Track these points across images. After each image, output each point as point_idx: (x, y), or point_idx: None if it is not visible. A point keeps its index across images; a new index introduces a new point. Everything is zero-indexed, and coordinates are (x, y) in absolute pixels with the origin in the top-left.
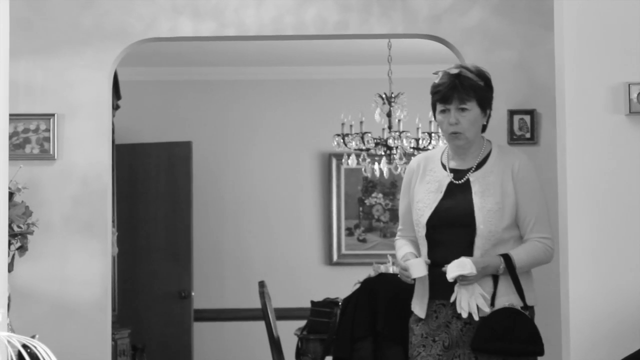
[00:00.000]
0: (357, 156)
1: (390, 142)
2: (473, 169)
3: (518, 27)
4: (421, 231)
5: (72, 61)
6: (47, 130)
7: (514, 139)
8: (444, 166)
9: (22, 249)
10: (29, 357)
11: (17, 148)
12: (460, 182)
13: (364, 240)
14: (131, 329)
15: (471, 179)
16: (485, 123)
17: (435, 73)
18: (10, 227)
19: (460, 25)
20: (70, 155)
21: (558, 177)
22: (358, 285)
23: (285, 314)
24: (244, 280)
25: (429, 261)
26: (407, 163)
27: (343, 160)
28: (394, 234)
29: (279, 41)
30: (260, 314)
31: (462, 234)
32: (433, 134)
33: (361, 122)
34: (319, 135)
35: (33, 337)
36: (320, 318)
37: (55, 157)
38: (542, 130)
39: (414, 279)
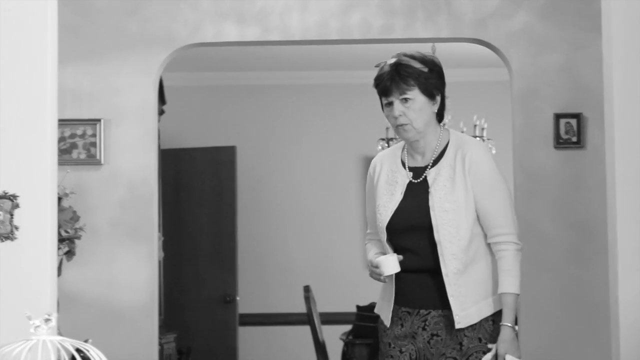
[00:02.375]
0: None
1: None
2: (430, 165)
3: (564, 30)
4: (383, 236)
5: (118, 67)
6: (94, 135)
7: (560, 142)
8: (403, 164)
9: (70, 253)
10: None
11: (64, 153)
12: (419, 180)
13: None
14: (177, 333)
15: (428, 177)
16: (436, 111)
17: (377, 65)
18: (58, 232)
19: (505, 28)
20: (117, 160)
21: (607, 182)
22: None
23: (330, 319)
24: (288, 285)
25: (401, 257)
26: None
27: None
28: None
29: (323, 45)
30: (305, 319)
31: (425, 238)
32: (478, 138)
33: None
34: (363, 140)
35: (86, 341)
36: (366, 322)
37: (102, 162)
38: (589, 134)
39: (386, 278)
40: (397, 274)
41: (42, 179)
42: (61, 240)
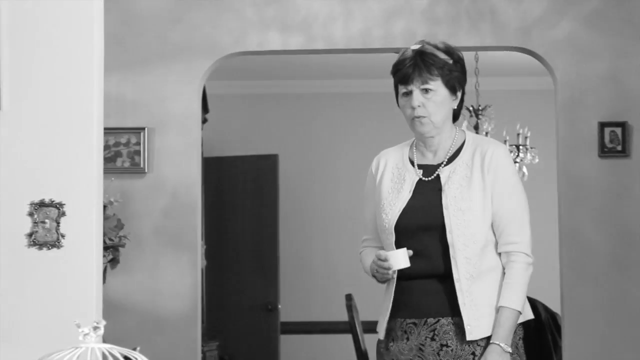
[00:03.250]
0: None
1: None
2: (444, 163)
3: (609, 38)
4: (389, 238)
5: (162, 75)
6: (138, 143)
7: (604, 151)
8: (411, 162)
9: (114, 261)
10: None
11: (109, 162)
12: (429, 178)
13: None
14: (219, 341)
15: (441, 175)
16: (455, 107)
17: (396, 51)
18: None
19: (550, 37)
20: (161, 169)
21: None
22: None
23: (372, 327)
24: (330, 293)
25: (411, 252)
26: None
27: None
28: None
29: (366, 54)
30: (347, 327)
31: (436, 239)
32: (521, 147)
33: None
34: None
35: (134, 349)
36: None
37: (146, 170)
38: (634, 142)
39: (394, 274)
40: (400, 283)
41: (88, 187)
42: (105, 248)
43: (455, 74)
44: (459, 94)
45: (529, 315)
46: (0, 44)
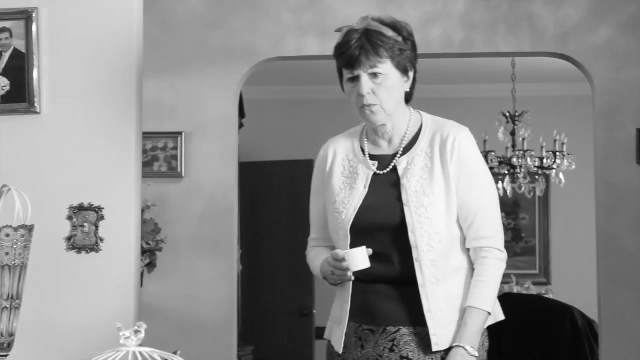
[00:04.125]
0: None
1: (514, 161)
2: (400, 152)
3: None
4: (344, 240)
5: (199, 80)
6: (175, 148)
7: None
8: (363, 152)
9: (151, 265)
10: None
11: (146, 166)
12: (385, 171)
13: None
14: (254, 346)
15: (398, 167)
16: (408, 90)
17: (338, 30)
18: None
19: (588, 43)
20: (197, 173)
21: None
22: None
23: None
24: None
25: (370, 251)
26: (531, 182)
27: None
28: (517, 254)
29: None
30: None
31: (397, 240)
32: (558, 153)
33: (485, 141)
34: None
35: (175, 352)
36: None
37: (183, 175)
38: None
39: (353, 275)
40: (357, 284)
41: (127, 192)
42: (143, 252)
43: (406, 54)
44: (411, 74)
45: (499, 316)
46: (40, 49)
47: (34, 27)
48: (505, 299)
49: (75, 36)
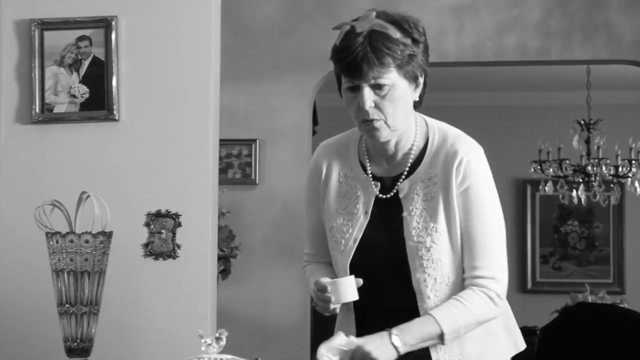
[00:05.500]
0: (555, 183)
1: (589, 169)
2: (405, 173)
3: None
4: (342, 274)
5: (274, 88)
6: (249, 155)
7: None
8: (364, 168)
9: (226, 272)
10: None
11: (220, 173)
12: (388, 196)
13: (559, 269)
14: None
15: (400, 194)
16: (417, 99)
17: (337, 28)
18: None
19: None
20: (271, 180)
21: None
22: (556, 315)
23: None
24: None
25: (360, 281)
26: (606, 190)
27: (540, 187)
28: (590, 262)
29: (476, 67)
30: None
31: (400, 277)
32: (633, 162)
33: (559, 149)
34: (514, 162)
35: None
36: None
37: (257, 181)
38: None
39: (337, 308)
40: (364, 311)
41: (204, 198)
42: (217, 259)
43: (416, 60)
44: (421, 80)
45: (520, 346)
46: (119, 56)
47: (113, 35)
48: (580, 308)
49: (153, 44)
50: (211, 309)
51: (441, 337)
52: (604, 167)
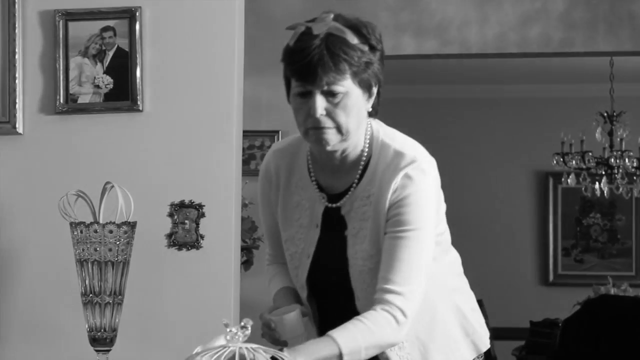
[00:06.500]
0: (577, 175)
1: (612, 161)
2: (353, 185)
3: None
4: (301, 290)
5: None
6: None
7: None
8: (311, 177)
9: (248, 263)
10: None
11: (243, 164)
12: (334, 209)
13: (580, 261)
14: None
15: (342, 210)
16: (371, 109)
17: (291, 28)
18: None
19: None
20: None
21: None
22: (578, 307)
23: (502, 334)
24: None
25: (305, 310)
26: (629, 183)
27: (562, 179)
28: (612, 255)
29: (499, 59)
30: None
31: (349, 298)
32: None
33: (582, 141)
34: (536, 154)
35: (281, 349)
36: (541, 339)
37: None
38: None
39: (285, 343)
40: (324, 325)
41: (227, 189)
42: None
43: (372, 68)
44: (375, 90)
45: (482, 347)
46: (143, 47)
47: (137, 26)
48: (602, 300)
49: (177, 35)
50: (234, 299)
51: (340, 358)
52: (626, 160)
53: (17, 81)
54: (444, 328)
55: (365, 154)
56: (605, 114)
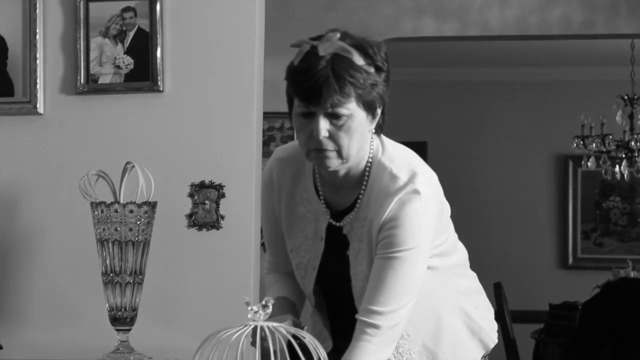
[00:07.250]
0: (597, 158)
1: (632, 144)
2: (357, 207)
3: None
4: (310, 300)
5: None
6: (291, 128)
7: None
8: (317, 190)
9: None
10: (299, 347)
11: (262, 146)
12: (337, 225)
13: (600, 244)
14: None
15: (344, 228)
16: (374, 130)
17: (296, 45)
18: None
19: None
20: None
21: None
22: (597, 290)
23: (521, 317)
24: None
25: (300, 324)
26: None
27: (582, 162)
28: (632, 239)
29: (519, 41)
30: (495, 316)
31: (354, 308)
32: None
33: (602, 124)
34: (556, 137)
35: (302, 328)
36: (559, 321)
37: None
38: None
39: None
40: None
41: (248, 170)
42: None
43: (377, 89)
44: (379, 110)
45: (490, 343)
46: (164, 28)
47: (158, 7)
48: (622, 284)
49: (198, 15)
50: (254, 279)
51: None
52: None
53: (38, 61)
54: (450, 333)
55: (367, 173)
56: (626, 97)
